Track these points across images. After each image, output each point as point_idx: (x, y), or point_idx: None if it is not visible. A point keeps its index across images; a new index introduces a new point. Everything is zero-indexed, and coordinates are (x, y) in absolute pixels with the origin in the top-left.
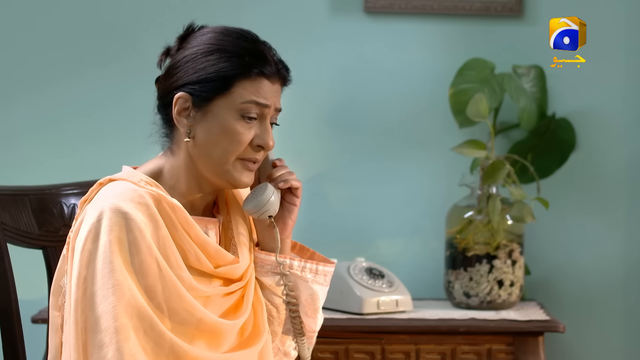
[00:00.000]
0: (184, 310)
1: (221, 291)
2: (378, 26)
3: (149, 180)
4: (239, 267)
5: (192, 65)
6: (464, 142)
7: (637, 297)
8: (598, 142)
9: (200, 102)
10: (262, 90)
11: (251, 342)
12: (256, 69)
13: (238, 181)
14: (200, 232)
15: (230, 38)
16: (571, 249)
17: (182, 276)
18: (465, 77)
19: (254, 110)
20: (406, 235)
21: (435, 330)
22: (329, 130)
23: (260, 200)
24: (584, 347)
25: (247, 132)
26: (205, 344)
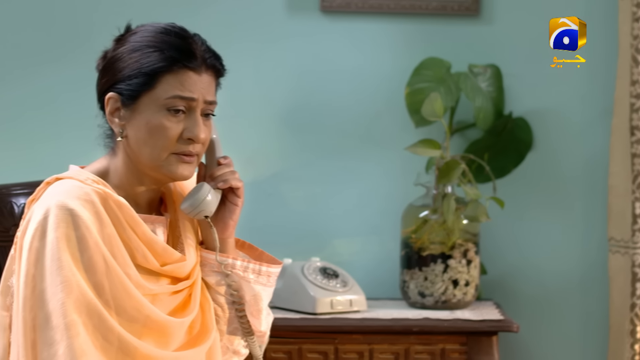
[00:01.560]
0: (131, 307)
1: (169, 289)
2: (335, 25)
3: (96, 178)
4: (186, 266)
5: (119, 65)
6: (418, 142)
7: (594, 296)
8: (555, 142)
9: (128, 101)
10: (187, 83)
11: (199, 341)
12: (179, 62)
13: (175, 174)
14: (147, 230)
15: (154, 34)
16: (528, 248)
17: (129, 274)
18: (421, 77)
19: (180, 104)
20: (363, 235)
21: (388, 330)
22: (285, 129)
23: (195, 200)
24: (540, 347)
25: (174, 126)
26: (153, 341)
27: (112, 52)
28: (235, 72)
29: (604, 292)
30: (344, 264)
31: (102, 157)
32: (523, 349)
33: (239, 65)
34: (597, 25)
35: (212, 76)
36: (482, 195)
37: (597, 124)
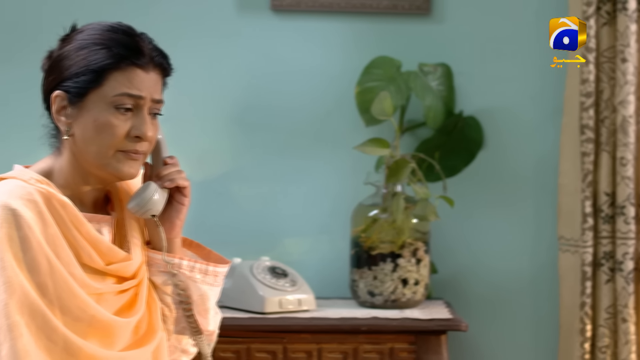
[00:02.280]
0: (76, 307)
1: (114, 289)
2: (285, 24)
3: (40, 178)
4: (131, 265)
5: (66, 63)
6: (367, 141)
7: (544, 295)
8: (506, 140)
9: (75, 99)
10: (135, 80)
11: (145, 341)
12: (127, 59)
13: (121, 172)
14: (91, 229)
15: (101, 32)
16: (479, 247)
17: (74, 273)
18: (371, 76)
19: (127, 102)
20: (313, 234)
21: (337, 330)
22: (236, 128)
23: (141, 199)
24: (490, 346)
25: (122, 124)
26: (98, 341)
27: (58, 51)
28: (186, 72)
29: (554, 291)
30: (294, 264)
31: (47, 156)
32: (473, 348)
33: (189, 64)
34: (547, 24)
35: (159, 75)
36: (431, 194)
37: (547, 123)
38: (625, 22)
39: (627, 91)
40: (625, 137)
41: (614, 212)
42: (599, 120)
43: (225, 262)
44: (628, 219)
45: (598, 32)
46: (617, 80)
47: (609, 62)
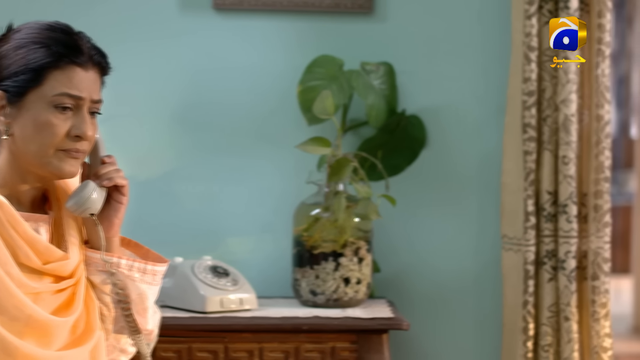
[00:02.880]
0: (13, 306)
1: (51, 288)
2: (228, 23)
3: None
4: (69, 264)
5: (4, 62)
6: (308, 140)
7: (488, 294)
8: (449, 139)
9: (14, 98)
10: (75, 79)
11: (83, 340)
12: (66, 57)
13: (61, 171)
14: (28, 228)
15: (39, 30)
16: (422, 246)
17: (10, 272)
18: (313, 74)
19: (67, 102)
20: (256, 234)
21: (278, 329)
22: (179, 127)
23: (80, 198)
24: (434, 345)
25: (62, 123)
26: (35, 341)
27: None
28: (128, 71)
29: (497, 290)
30: (237, 263)
31: None
32: (417, 347)
33: (132, 64)
34: (491, 23)
35: (97, 73)
36: (374, 193)
37: (491, 122)
38: None
39: (569, 90)
40: (567, 136)
41: (556, 211)
42: (541, 119)
43: (163, 261)
44: (570, 218)
45: (540, 31)
46: (559, 78)
47: (550, 61)
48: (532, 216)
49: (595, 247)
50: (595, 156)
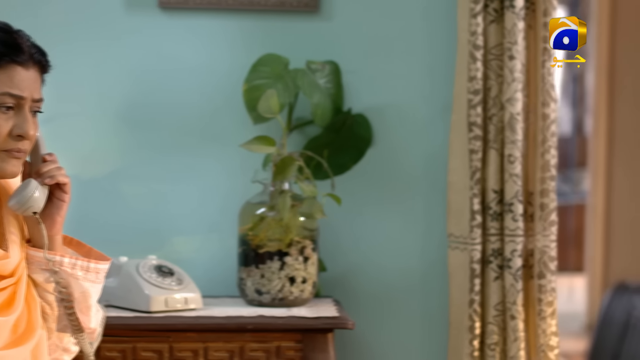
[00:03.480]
0: None
1: None
2: (173, 22)
3: None
4: (9, 263)
5: None
6: (253, 139)
7: (435, 293)
8: (395, 138)
9: None
10: (16, 79)
11: (24, 340)
12: (6, 56)
13: (4, 171)
14: None
15: None
16: (368, 245)
17: None
18: (258, 73)
19: (9, 101)
20: (202, 233)
21: (223, 328)
22: (124, 127)
23: (23, 196)
24: (381, 344)
25: (4, 123)
26: None
27: None
28: (73, 71)
29: (444, 289)
30: (182, 262)
31: None
32: (363, 346)
33: (77, 63)
34: (438, 21)
35: (38, 72)
36: (319, 192)
37: (437, 121)
38: (513, 20)
39: (514, 88)
40: (513, 135)
41: (502, 210)
42: (486, 117)
43: (106, 259)
44: (516, 216)
45: (486, 30)
46: (505, 77)
47: (496, 60)
48: (478, 215)
49: (541, 245)
50: (541, 155)
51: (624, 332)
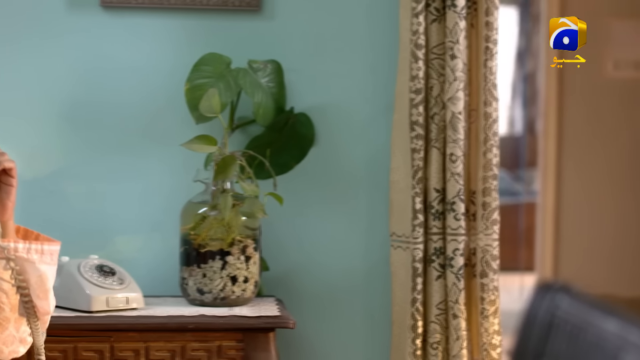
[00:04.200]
0: None
1: None
2: (116, 21)
3: None
4: None
5: None
6: (194, 138)
7: (378, 292)
8: (338, 137)
9: None
10: None
11: None
12: None
13: None
14: None
15: None
16: (311, 245)
17: None
18: (200, 73)
19: None
20: (145, 232)
21: (164, 328)
22: (67, 126)
23: None
24: (324, 343)
25: None
26: None
27: None
28: (15, 70)
29: (387, 288)
30: (125, 262)
31: None
32: (307, 345)
33: (18, 62)
34: (380, 20)
35: None
36: (262, 191)
37: (380, 120)
38: (455, 19)
39: (456, 88)
40: (455, 134)
41: (444, 209)
42: (428, 116)
43: (56, 242)
44: (458, 215)
45: (427, 29)
46: (447, 76)
47: (438, 59)
48: (420, 214)
49: (483, 244)
50: (483, 154)
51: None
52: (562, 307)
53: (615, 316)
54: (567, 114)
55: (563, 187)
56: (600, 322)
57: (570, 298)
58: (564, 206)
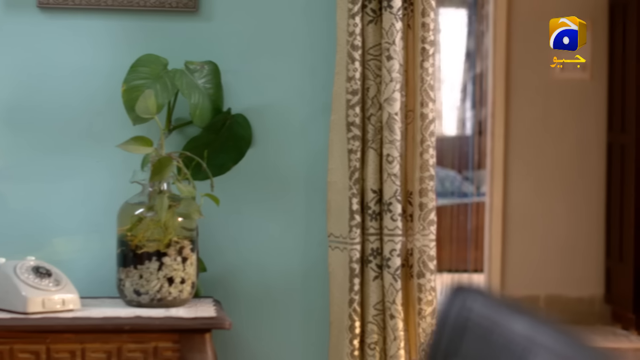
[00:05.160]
0: None
1: None
2: (53, 22)
3: None
4: None
5: None
6: (130, 139)
7: (316, 293)
8: (276, 138)
9: None
10: None
11: None
12: None
13: None
14: None
15: None
16: (250, 246)
17: None
18: (137, 74)
19: None
20: (83, 234)
21: (100, 329)
22: (5, 128)
23: None
24: (262, 344)
25: None
26: None
27: None
28: None
29: (325, 289)
30: (63, 263)
31: None
32: (245, 346)
33: None
34: (318, 21)
35: None
36: (201, 192)
37: (318, 120)
38: (391, 20)
39: (392, 88)
40: (391, 135)
41: (381, 209)
42: (365, 117)
43: None
44: (394, 216)
45: (364, 30)
46: (383, 77)
47: (375, 60)
48: (357, 215)
49: (420, 245)
50: (420, 154)
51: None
52: (474, 309)
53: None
54: (514, 114)
55: (511, 188)
56: (510, 323)
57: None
58: (512, 206)
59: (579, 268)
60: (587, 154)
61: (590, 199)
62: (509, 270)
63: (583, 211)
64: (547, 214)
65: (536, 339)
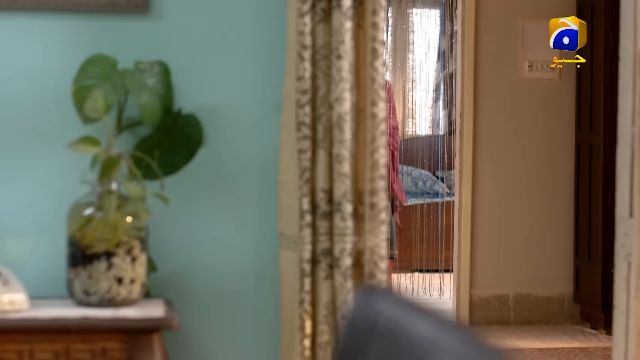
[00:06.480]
0: None
1: None
2: (2, 22)
3: None
4: None
5: None
6: (79, 139)
7: (267, 292)
8: (227, 138)
9: None
10: None
11: None
12: None
13: None
14: None
15: None
16: (200, 245)
17: None
18: (87, 74)
19: None
20: (34, 234)
21: (48, 330)
22: None
23: None
24: (213, 344)
25: None
26: None
27: None
28: None
29: (276, 288)
30: (13, 263)
31: None
32: (196, 347)
33: None
34: (269, 21)
35: None
36: (151, 192)
37: (269, 120)
38: (340, 19)
39: (342, 88)
40: (341, 134)
41: (331, 209)
42: (315, 117)
43: None
44: (345, 216)
45: (313, 29)
46: (333, 77)
47: (324, 59)
48: (308, 214)
49: (371, 244)
50: (370, 154)
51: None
52: (383, 311)
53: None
54: (483, 114)
55: (480, 187)
56: (415, 326)
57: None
58: (481, 206)
59: (548, 267)
60: (556, 153)
61: (559, 198)
62: (478, 270)
63: (552, 211)
64: (516, 213)
65: (439, 342)
